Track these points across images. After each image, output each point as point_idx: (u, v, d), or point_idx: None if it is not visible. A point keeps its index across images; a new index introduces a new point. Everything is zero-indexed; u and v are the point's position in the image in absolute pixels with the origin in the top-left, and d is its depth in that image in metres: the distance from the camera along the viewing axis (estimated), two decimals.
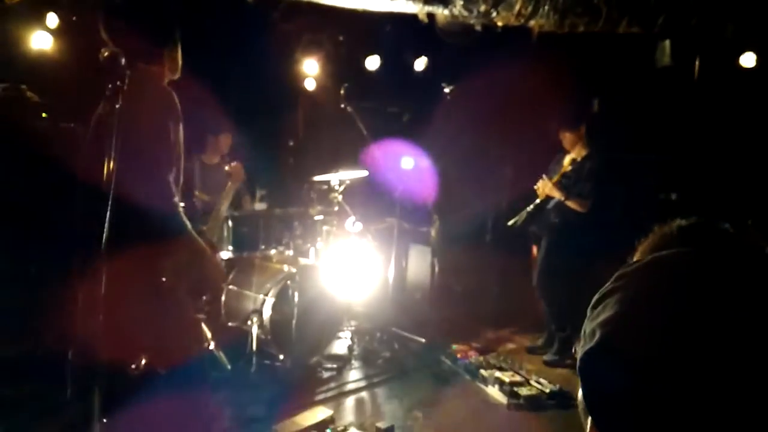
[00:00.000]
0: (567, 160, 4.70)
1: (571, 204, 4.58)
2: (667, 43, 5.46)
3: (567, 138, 4.70)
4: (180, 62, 2.45)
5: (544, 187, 4.65)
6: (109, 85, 1.84)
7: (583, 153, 4.68)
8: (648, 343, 0.61)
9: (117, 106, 1.82)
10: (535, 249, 4.99)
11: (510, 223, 4.93)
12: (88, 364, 1.90)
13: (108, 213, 1.87)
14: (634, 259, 0.95)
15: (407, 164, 5.03)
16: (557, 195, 4.61)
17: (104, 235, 1.88)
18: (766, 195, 5.44)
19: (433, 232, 5.28)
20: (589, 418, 0.65)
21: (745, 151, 5.42)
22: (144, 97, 2.24)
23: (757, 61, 5.33)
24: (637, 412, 0.59)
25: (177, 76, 2.47)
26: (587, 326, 0.69)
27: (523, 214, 4.81)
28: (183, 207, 2.41)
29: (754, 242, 1.58)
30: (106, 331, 2.00)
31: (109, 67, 1.84)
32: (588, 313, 0.71)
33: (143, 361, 3.58)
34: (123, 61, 1.83)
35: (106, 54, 1.83)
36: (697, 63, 5.57)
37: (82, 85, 3.17)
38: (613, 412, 0.61)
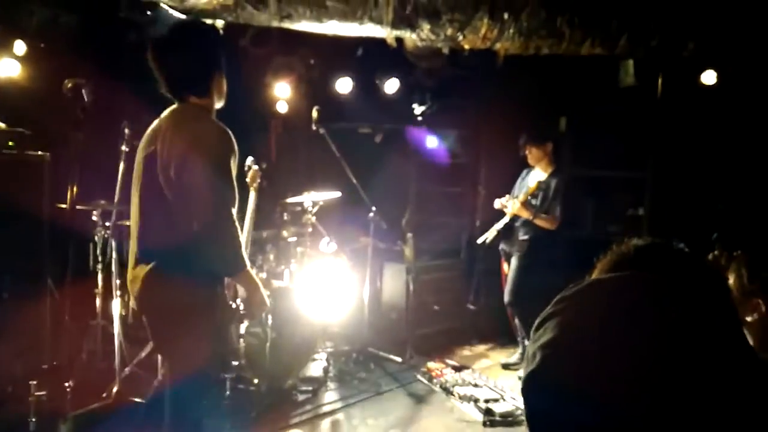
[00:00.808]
0: (533, 179, 4.78)
1: (539, 222, 4.65)
2: (630, 63, 5.62)
3: (533, 153, 4.79)
4: (225, 89, 2.48)
5: (512, 206, 4.73)
6: (74, 115, 1.86)
7: (550, 170, 4.77)
8: (581, 367, 0.62)
9: (80, 134, 1.84)
10: (505, 266, 5.05)
11: (480, 240, 5.00)
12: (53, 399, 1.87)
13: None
14: (593, 275, 0.98)
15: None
16: (525, 214, 4.68)
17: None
18: (730, 208, 5.59)
19: (407, 251, 5.31)
20: None
21: (709, 166, 5.57)
22: (203, 134, 2.27)
23: (718, 78, 5.50)
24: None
25: (222, 103, 2.49)
26: (529, 348, 0.71)
27: (493, 232, 4.88)
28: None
29: (709, 262, 1.62)
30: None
31: (73, 96, 1.86)
32: (531, 335, 0.73)
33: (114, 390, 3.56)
34: (87, 90, 1.85)
35: (69, 84, 1.85)
36: (659, 82, 5.73)
37: (50, 113, 3.17)
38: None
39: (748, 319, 1.39)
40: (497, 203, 4.84)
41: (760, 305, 1.33)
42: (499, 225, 4.85)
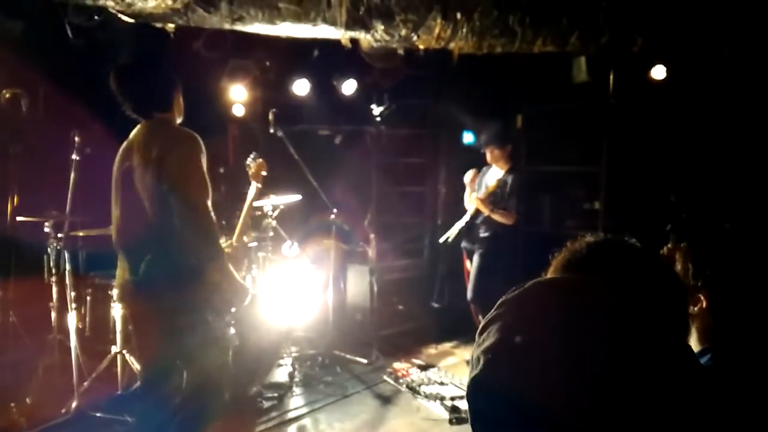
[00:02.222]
0: (492, 177, 4.86)
1: (497, 217, 4.72)
2: (583, 59, 5.74)
3: (494, 154, 4.86)
4: (182, 104, 2.74)
5: (473, 201, 4.80)
6: (12, 126, 1.80)
7: (506, 168, 4.85)
8: (523, 370, 0.62)
9: (15, 147, 1.79)
10: (467, 263, 5.09)
11: (442, 239, 5.03)
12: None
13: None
14: (548, 273, 0.98)
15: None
16: (484, 210, 4.75)
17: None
18: (683, 199, 5.75)
19: (370, 252, 5.31)
20: None
21: (661, 159, 5.72)
22: (173, 138, 2.51)
23: (667, 73, 5.65)
24: None
25: (181, 117, 2.74)
26: (473, 353, 0.70)
27: (454, 230, 4.92)
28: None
29: (662, 256, 1.64)
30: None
31: (10, 107, 1.81)
32: (476, 339, 0.73)
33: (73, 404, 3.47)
34: (24, 101, 1.80)
35: (7, 95, 1.79)
36: (611, 77, 5.86)
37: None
38: None
39: (691, 310, 1.42)
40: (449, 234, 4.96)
41: (702, 300, 1.37)
42: (461, 223, 4.91)
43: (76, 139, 3.43)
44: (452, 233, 4.94)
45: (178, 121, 2.71)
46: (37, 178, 3.18)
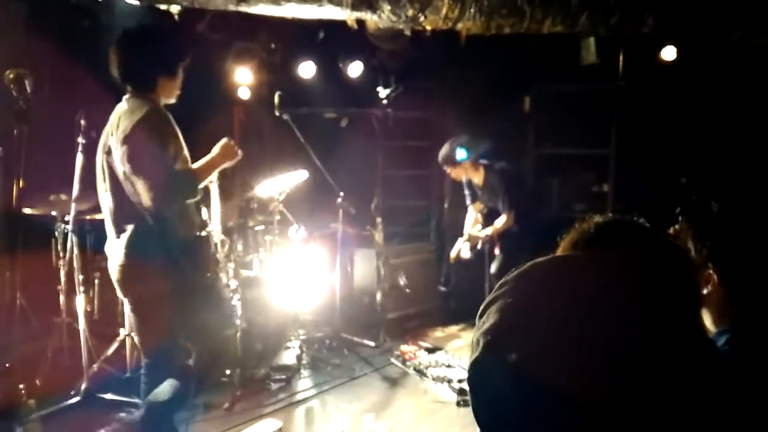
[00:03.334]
0: (476, 180, 4.97)
1: (499, 230, 4.75)
2: (592, 40, 5.66)
3: (453, 173, 4.94)
4: (176, 89, 2.76)
5: (471, 241, 4.89)
6: (16, 106, 1.80)
7: (481, 174, 4.85)
8: (524, 350, 0.60)
9: (24, 127, 1.78)
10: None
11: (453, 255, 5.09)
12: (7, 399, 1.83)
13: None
14: (557, 253, 0.97)
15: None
16: (489, 235, 4.78)
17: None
18: (693, 181, 5.71)
19: (377, 235, 5.30)
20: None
21: (671, 141, 5.67)
22: (136, 118, 2.51)
23: (678, 54, 5.58)
24: (520, 420, 0.60)
25: (172, 100, 2.76)
26: (474, 335, 0.69)
27: (465, 253, 5.03)
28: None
29: (671, 236, 1.63)
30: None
31: (15, 87, 1.80)
32: (476, 322, 0.71)
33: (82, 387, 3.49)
34: (29, 82, 1.80)
35: (12, 75, 1.78)
36: (621, 59, 5.79)
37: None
38: (498, 420, 0.62)
39: (704, 291, 1.36)
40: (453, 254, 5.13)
41: (712, 276, 1.33)
42: (466, 253, 5.03)
43: (82, 122, 3.42)
44: (464, 254, 5.04)
45: (164, 102, 2.72)
46: (42, 160, 3.18)
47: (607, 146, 5.87)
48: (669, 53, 5.60)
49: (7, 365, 1.76)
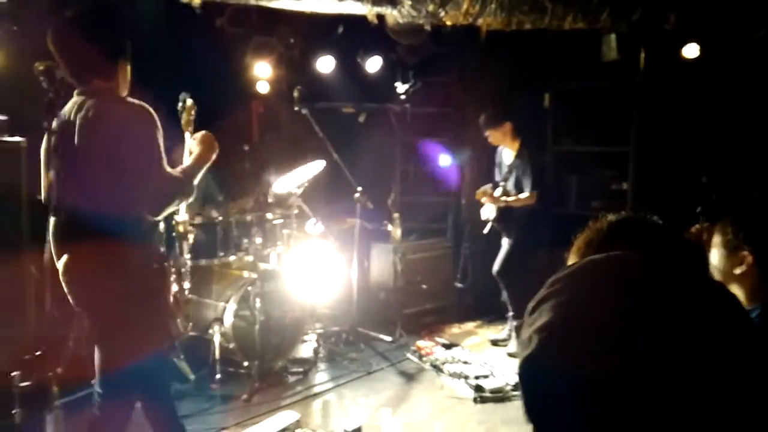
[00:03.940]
0: (507, 157, 4.84)
1: (519, 204, 4.70)
2: (613, 37, 5.61)
3: (493, 136, 4.86)
4: (129, 77, 2.40)
5: (492, 201, 4.79)
6: (45, 99, 1.81)
7: (516, 147, 4.80)
8: (582, 347, 0.61)
9: (54, 118, 1.79)
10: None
11: (485, 231, 5.04)
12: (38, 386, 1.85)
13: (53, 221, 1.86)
14: (571, 253, 0.97)
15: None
16: (508, 203, 4.73)
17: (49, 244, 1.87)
18: (714, 181, 5.63)
19: (394, 231, 5.30)
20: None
21: (692, 139, 5.60)
22: (111, 111, 2.21)
23: (700, 51, 5.51)
24: (575, 418, 0.59)
25: (126, 90, 2.41)
26: (524, 333, 0.68)
27: (488, 225, 4.94)
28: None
29: (691, 235, 1.69)
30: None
31: (45, 79, 1.81)
32: (525, 319, 0.71)
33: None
34: (59, 73, 1.80)
35: (41, 67, 1.79)
36: (642, 56, 5.72)
37: (26, 98, 3.08)
38: (551, 419, 0.62)
39: (737, 271, 1.53)
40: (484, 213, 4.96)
41: (747, 256, 1.47)
42: (490, 217, 4.89)
43: None
44: (487, 227, 4.96)
45: (123, 93, 2.39)
46: None
47: (627, 144, 5.82)
48: (691, 50, 5.53)
49: (37, 353, 1.78)
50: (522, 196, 4.69)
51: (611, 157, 6.00)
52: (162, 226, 2.60)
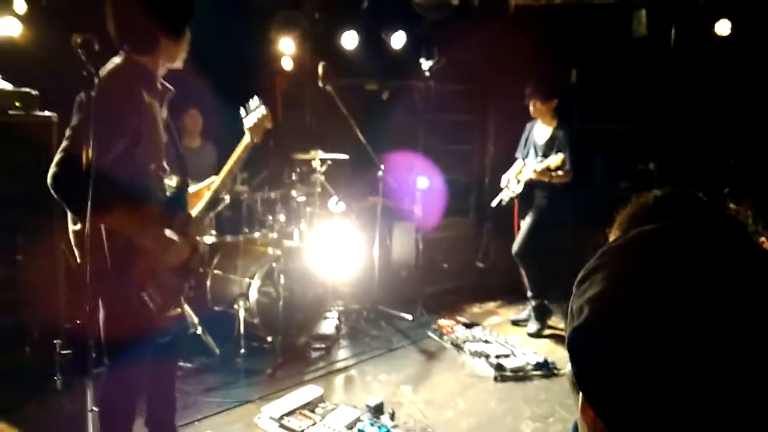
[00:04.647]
0: (540, 134, 4.74)
1: (556, 180, 4.59)
2: (643, 12, 5.48)
3: (537, 107, 4.72)
4: (180, 52, 2.33)
5: (528, 174, 4.69)
6: (83, 71, 1.80)
7: (554, 123, 4.71)
8: (638, 317, 0.61)
9: (92, 92, 1.79)
10: (522, 223, 4.98)
11: (494, 203, 4.96)
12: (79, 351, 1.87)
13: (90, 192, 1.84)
14: (613, 228, 0.96)
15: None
16: (544, 178, 4.61)
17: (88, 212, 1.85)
18: (742, 162, 5.53)
19: (416, 209, 5.29)
20: (581, 395, 0.66)
21: (722, 119, 5.48)
22: (103, 90, 2.06)
23: (732, 28, 5.37)
24: (629, 386, 0.60)
25: (175, 65, 2.35)
26: (574, 303, 0.69)
27: (506, 196, 4.85)
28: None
29: (729, 211, 1.68)
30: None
31: (83, 52, 1.80)
32: (573, 291, 0.72)
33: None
34: (96, 46, 1.79)
35: (79, 40, 1.79)
36: (672, 32, 5.59)
37: (53, 72, 3.10)
38: (604, 387, 0.62)
39: None
40: (505, 180, 4.83)
41: (764, 243, 1.40)
42: (516, 191, 4.80)
43: None
44: (505, 198, 4.87)
45: (167, 65, 2.33)
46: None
47: (655, 123, 5.71)
48: (723, 27, 5.39)
49: (78, 322, 1.82)
50: (559, 171, 4.60)
51: (638, 136, 5.90)
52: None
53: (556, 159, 4.55)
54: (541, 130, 4.76)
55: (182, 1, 2.34)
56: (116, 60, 2.23)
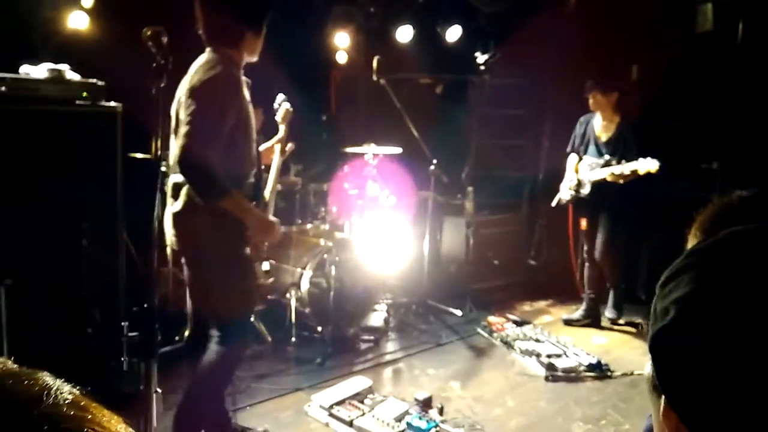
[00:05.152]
0: (600, 129, 4.62)
1: (627, 179, 4.45)
2: (709, 6, 5.27)
3: (597, 100, 4.60)
4: (259, 46, 2.60)
5: (602, 174, 4.55)
6: (154, 64, 1.87)
7: (617, 120, 4.58)
8: (730, 318, 0.59)
9: (162, 83, 1.85)
10: (584, 222, 4.86)
11: (554, 203, 4.88)
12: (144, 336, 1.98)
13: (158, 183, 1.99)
14: (692, 230, 0.93)
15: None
16: (620, 180, 4.48)
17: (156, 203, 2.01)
18: None
19: (467, 205, 5.25)
20: (662, 398, 0.64)
21: None
22: (206, 80, 2.40)
23: None
24: (718, 390, 0.58)
25: (254, 58, 2.62)
26: (658, 304, 0.67)
27: (566, 194, 4.77)
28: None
29: None
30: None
31: (153, 44, 1.87)
32: (657, 291, 0.70)
33: (186, 333, 3.69)
34: (165, 39, 1.86)
35: (149, 32, 1.85)
36: (740, 27, 5.36)
37: (119, 65, 3.21)
38: (691, 391, 0.61)
39: None
40: (569, 179, 4.74)
41: None
42: (583, 192, 4.69)
43: None
44: (566, 197, 4.78)
45: (247, 60, 2.58)
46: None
47: (719, 121, 5.48)
48: None
49: (145, 305, 1.89)
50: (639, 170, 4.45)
51: (701, 134, 5.68)
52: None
53: (648, 165, 4.36)
54: (601, 125, 4.64)
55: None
56: (207, 55, 2.50)
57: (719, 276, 0.64)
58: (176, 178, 2.54)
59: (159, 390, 2.05)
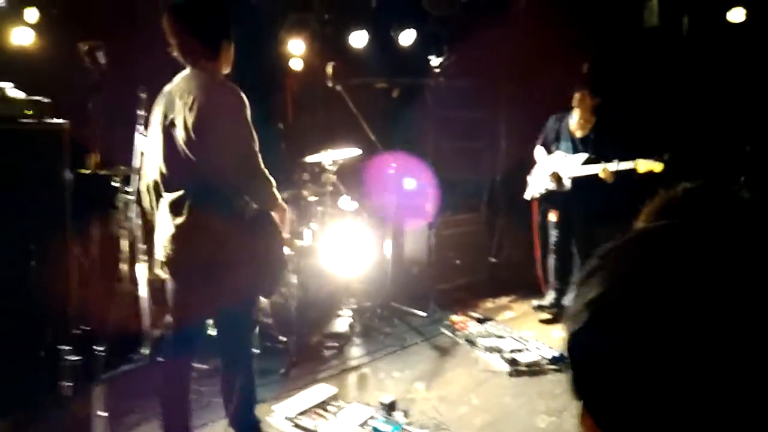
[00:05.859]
0: (576, 126, 4.70)
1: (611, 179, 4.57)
2: (655, 2, 5.42)
3: (585, 101, 4.68)
4: (232, 54, 2.66)
5: (583, 171, 4.67)
6: (90, 79, 1.85)
7: (593, 120, 4.69)
8: (635, 322, 0.58)
9: (97, 97, 1.84)
10: (554, 214, 4.93)
11: (527, 196, 4.94)
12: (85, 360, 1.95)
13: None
14: (639, 221, 0.94)
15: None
16: (610, 179, 4.59)
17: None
18: (759, 150, 5.44)
19: (427, 206, 5.29)
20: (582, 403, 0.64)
21: (736, 107, 5.40)
22: (215, 88, 2.50)
23: (747, 15, 5.28)
24: (627, 395, 0.58)
25: (228, 70, 2.67)
26: (573, 306, 0.67)
27: (539, 188, 4.84)
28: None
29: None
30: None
31: (89, 59, 1.85)
32: (576, 290, 0.69)
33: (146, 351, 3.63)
34: (102, 54, 1.85)
35: (85, 48, 1.84)
36: (685, 21, 5.52)
37: (67, 80, 3.15)
38: (601, 391, 0.61)
39: None
40: (543, 173, 4.81)
41: None
42: (563, 187, 4.76)
43: (143, 95, 3.50)
44: (538, 190, 4.85)
45: (224, 71, 2.64)
46: (105, 133, 3.27)
47: (668, 114, 5.64)
48: (737, 15, 5.31)
49: (84, 328, 1.86)
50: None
51: (651, 127, 5.83)
52: None
53: (651, 165, 4.48)
54: (576, 122, 4.73)
55: (227, 4, 2.69)
56: (195, 72, 2.54)
57: (627, 276, 0.62)
58: (172, 196, 2.57)
59: (104, 413, 2.01)
